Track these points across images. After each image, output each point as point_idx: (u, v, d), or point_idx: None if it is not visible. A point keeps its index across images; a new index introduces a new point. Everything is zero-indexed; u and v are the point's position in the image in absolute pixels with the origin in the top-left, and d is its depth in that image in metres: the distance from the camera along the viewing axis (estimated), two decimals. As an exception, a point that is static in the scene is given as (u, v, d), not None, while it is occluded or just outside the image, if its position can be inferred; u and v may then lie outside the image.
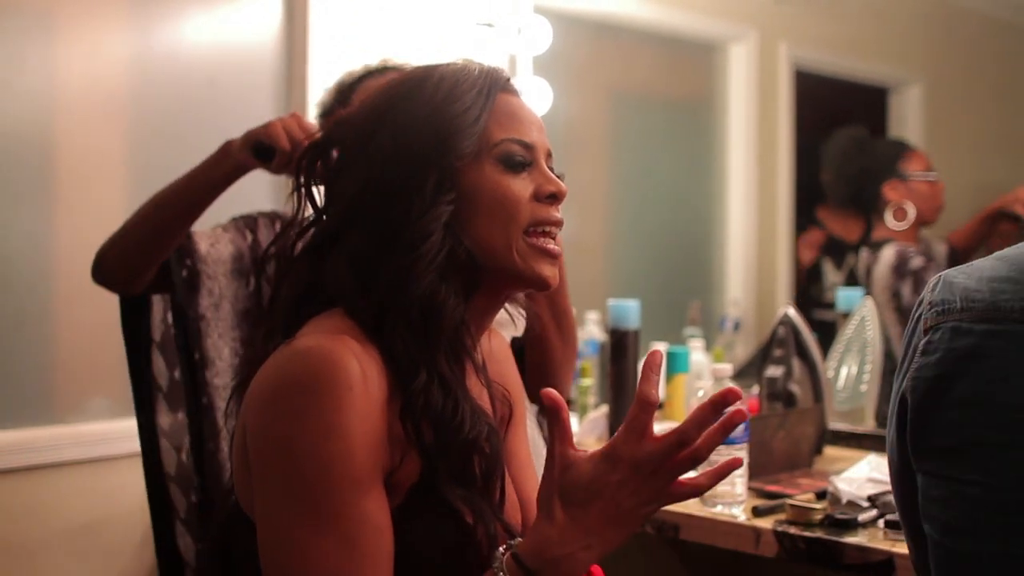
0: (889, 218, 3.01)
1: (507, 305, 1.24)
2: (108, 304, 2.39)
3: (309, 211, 1.21)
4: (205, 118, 2.48)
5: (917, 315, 1.17)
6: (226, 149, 1.74)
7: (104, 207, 2.37)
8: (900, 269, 2.91)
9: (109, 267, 1.78)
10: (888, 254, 2.94)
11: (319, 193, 1.20)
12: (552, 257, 1.15)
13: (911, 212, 2.97)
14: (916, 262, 2.91)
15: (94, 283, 1.80)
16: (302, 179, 1.19)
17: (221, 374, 1.83)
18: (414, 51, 2.76)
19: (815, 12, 3.96)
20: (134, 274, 1.77)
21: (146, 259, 1.77)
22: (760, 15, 3.84)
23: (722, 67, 3.85)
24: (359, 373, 1.02)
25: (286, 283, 1.16)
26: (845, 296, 2.69)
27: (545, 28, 3.01)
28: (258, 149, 1.71)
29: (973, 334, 1.10)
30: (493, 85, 1.16)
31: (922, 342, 1.14)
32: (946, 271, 1.18)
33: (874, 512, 1.68)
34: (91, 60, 2.37)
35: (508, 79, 1.19)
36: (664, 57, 3.78)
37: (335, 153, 1.19)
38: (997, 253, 1.16)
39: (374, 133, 1.14)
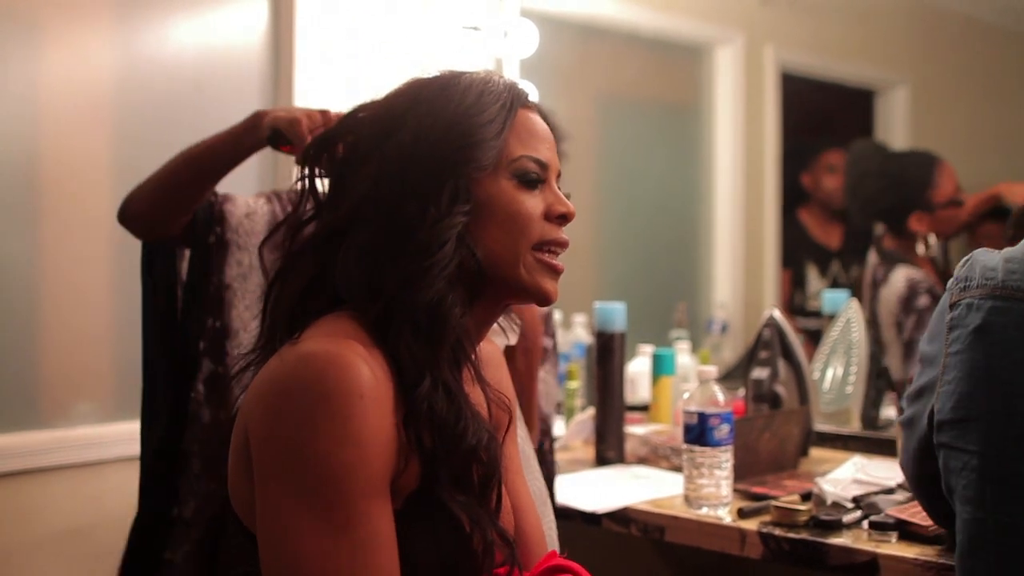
0: (919, 248, 2.95)
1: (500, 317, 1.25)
2: (95, 309, 2.39)
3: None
4: (191, 123, 2.46)
5: (948, 290, 1.28)
6: (256, 122, 1.73)
7: (90, 212, 2.37)
8: (908, 304, 2.85)
9: (132, 213, 1.80)
10: (900, 283, 2.84)
11: (323, 185, 1.19)
12: (556, 273, 1.17)
13: (932, 242, 2.93)
14: (923, 301, 2.84)
15: (119, 224, 1.83)
16: (307, 170, 1.18)
17: (245, 346, 1.82)
18: (400, 55, 2.77)
19: (801, 15, 3.98)
20: (156, 224, 1.80)
21: (169, 211, 1.79)
22: (746, 18, 3.85)
23: (708, 70, 3.86)
24: (371, 380, 1.01)
25: (290, 276, 1.15)
26: (830, 298, 2.69)
27: (531, 31, 3.01)
28: (275, 138, 1.71)
29: (982, 310, 1.19)
30: (516, 100, 1.17)
31: (948, 318, 1.25)
32: (977, 250, 1.27)
33: (859, 513, 1.69)
34: (76, 65, 2.36)
35: (528, 95, 1.20)
36: (651, 60, 3.79)
37: (342, 147, 1.18)
38: None
39: (394, 131, 1.13)
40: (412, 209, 1.09)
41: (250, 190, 2.31)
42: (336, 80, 2.68)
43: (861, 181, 3.10)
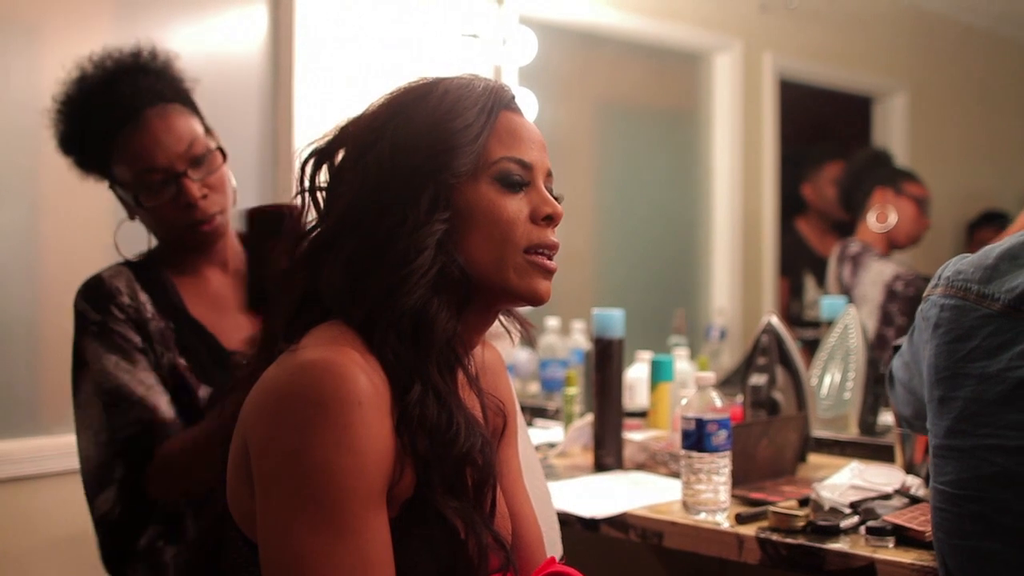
0: (871, 218, 2.98)
1: (502, 317, 1.25)
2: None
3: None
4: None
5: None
6: None
7: (90, 219, 2.37)
8: (892, 290, 2.87)
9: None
10: (886, 270, 2.88)
11: (323, 198, 1.19)
12: (549, 273, 1.16)
13: (892, 219, 2.95)
14: (903, 288, 2.87)
15: None
16: (306, 183, 1.19)
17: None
18: (400, 62, 2.78)
19: (800, 22, 3.99)
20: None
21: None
22: (745, 25, 3.86)
23: (707, 77, 3.87)
24: (369, 388, 1.02)
25: (288, 287, 1.16)
26: (829, 304, 2.70)
27: (530, 39, 3.03)
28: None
29: (936, 306, 1.33)
30: (496, 103, 1.16)
31: (920, 308, 1.38)
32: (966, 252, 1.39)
33: (856, 519, 1.69)
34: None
35: (512, 97, 1.19)
36: (649, 67, 3.80)
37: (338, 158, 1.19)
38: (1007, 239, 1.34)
39: (374, 142, 1.13)
40: (392, 219, 1.10)
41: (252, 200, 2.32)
42: (334, 87, 2.69)
43: (848, 168, 3.25)
